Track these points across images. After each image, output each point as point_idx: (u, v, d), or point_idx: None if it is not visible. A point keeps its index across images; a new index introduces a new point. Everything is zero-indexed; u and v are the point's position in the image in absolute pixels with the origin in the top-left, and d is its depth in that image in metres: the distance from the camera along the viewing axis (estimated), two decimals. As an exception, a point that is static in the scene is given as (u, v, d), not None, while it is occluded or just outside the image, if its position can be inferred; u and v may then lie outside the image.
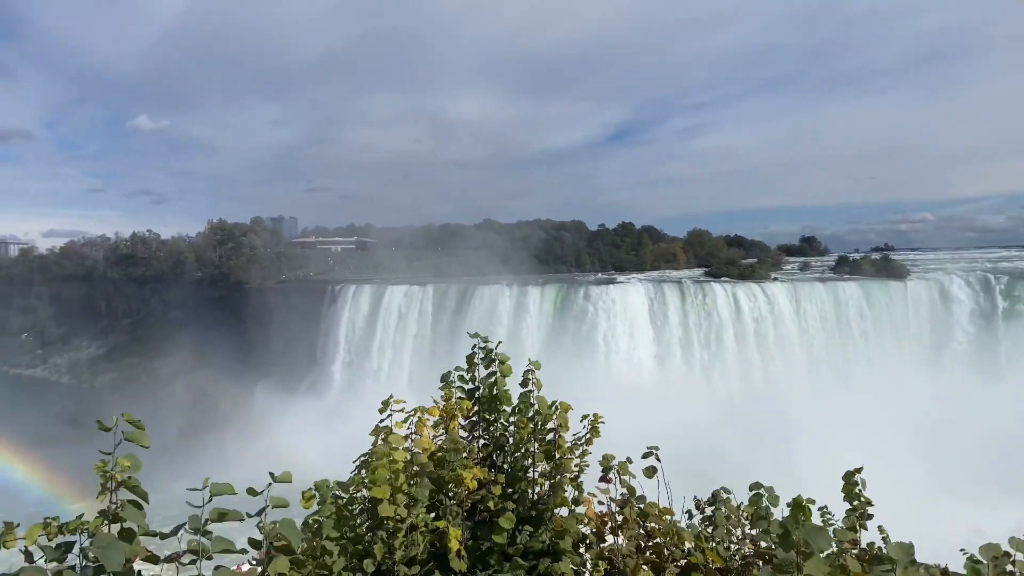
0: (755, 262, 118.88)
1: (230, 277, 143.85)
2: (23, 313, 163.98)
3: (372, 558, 4.46)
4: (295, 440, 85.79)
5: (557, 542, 4.95)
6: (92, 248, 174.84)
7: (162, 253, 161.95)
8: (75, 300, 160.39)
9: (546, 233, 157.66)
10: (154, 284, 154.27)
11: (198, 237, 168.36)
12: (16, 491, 72.71)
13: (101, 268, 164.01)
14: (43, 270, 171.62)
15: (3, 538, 3.36)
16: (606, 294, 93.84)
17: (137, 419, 3.35)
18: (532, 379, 5.50)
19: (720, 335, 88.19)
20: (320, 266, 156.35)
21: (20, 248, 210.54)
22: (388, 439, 4.92)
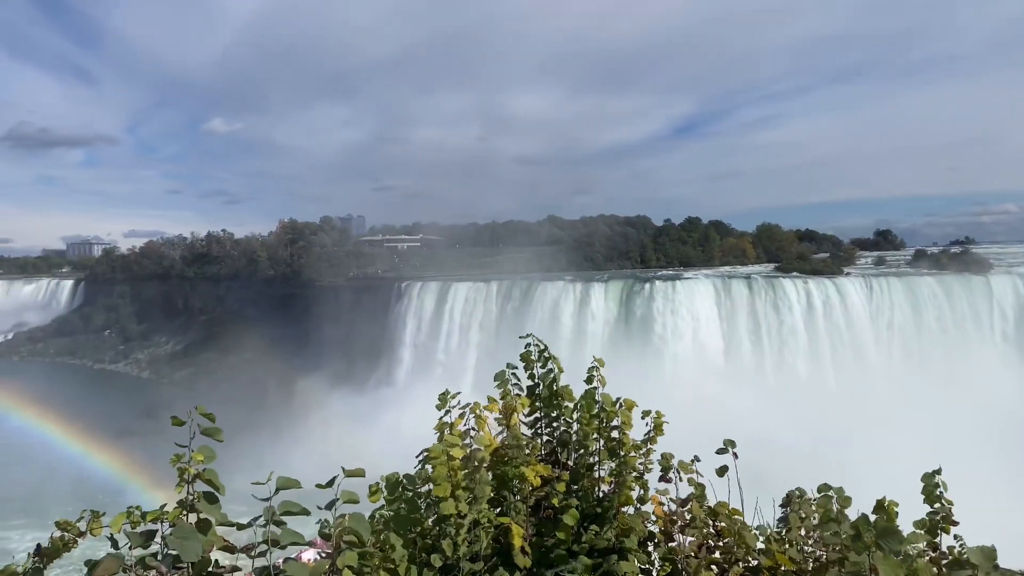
0: (827, 257, 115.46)
1: (301, 275, 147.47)
2: (106, 311, 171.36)
3: (440, 553, 4.51)
4: (364, 434, 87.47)
5: (623, 540, 4.92)
6: (170, 247, 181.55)
7: (236, 252, 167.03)
8: (154, 298, 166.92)
9: (610, 229, 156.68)
10: (228, 282, 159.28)
11: (270, 236, 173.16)
12: (101, 482, 76.00)
13: (178, 267, 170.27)
14: (124, 269, 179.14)
15: (90, 526, 3.53)
16: (672, 290, 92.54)
17: (210, 413, 3.47)
18: (596, 376, 5.48)
19: (791, 332, 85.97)
20: (387, 264, 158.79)
21: (103, 248, 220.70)
22: (445, 436, 4.96)
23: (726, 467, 5.15)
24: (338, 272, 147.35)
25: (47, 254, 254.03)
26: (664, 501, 5.08)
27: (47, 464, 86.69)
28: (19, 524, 70.14)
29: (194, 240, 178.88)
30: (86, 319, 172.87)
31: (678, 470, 5.10)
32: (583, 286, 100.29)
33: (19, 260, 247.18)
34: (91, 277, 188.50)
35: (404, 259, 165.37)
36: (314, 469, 3.71)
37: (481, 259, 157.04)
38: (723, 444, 5.25)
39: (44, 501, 73.39)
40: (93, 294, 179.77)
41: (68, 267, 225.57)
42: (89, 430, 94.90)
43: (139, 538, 3.40)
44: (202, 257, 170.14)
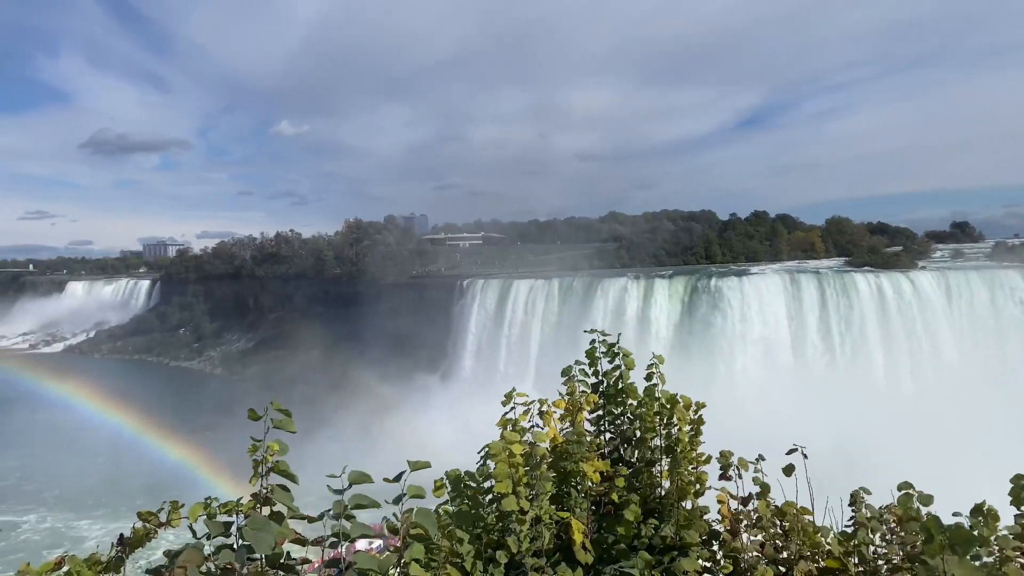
0: (900, 250, 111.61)
1: (365, 273, 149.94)
2: (181, 310, 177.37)
3: (505, 549, 4.55)
4: (427, 429, 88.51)
5: (683, 536, 4.89)
6: (241, 248, 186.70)
7: (303, 251, 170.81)
8: (226, 297, 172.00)
9: (674, 224, 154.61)
10: (296, 281, 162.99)
11: (336, 236, 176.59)
12: (176, 474, 78.70)
13: (249, 266, 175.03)
14: (197, 269, 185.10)
15: (170, 517, 3.70)
16: (739, 286, 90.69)
17: (285, 408, 3.59)
18: (656, 373, 5.45)
19: (862, 328, 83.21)
20: (449, 261, 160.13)
21: (177, 249, 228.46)
22: (507, 433, 5.00)
23: (792, 467, 5.08)
24: (402, 270, 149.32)
25: (125, 255, 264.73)
26: (735, 497, 5.03)
27: (126, 457, 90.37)
28: (99, 514, 73.45)
29: (263, 240, 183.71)
30: (162, 318, 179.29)
31: (738, 467, 5.04)
32: (646, 282, 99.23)
33: (99, 261, 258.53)
34: (166, 277, 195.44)
35: (466, 257, 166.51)
36: (380, 464, 3.80)
37: (542, 256, 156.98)
38: (793, 445, 5.17)
39: (123, 492, 76.61)
40: (168, 294, 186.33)
41: (145, 268, 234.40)
42: (166, 425, 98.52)
43: (217, 528, 3.54)
44: (271, 257, 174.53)
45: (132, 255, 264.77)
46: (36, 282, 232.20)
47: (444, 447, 70.60)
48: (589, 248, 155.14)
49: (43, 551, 58.32)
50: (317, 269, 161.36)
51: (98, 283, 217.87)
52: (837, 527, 5.12)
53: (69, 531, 68.93)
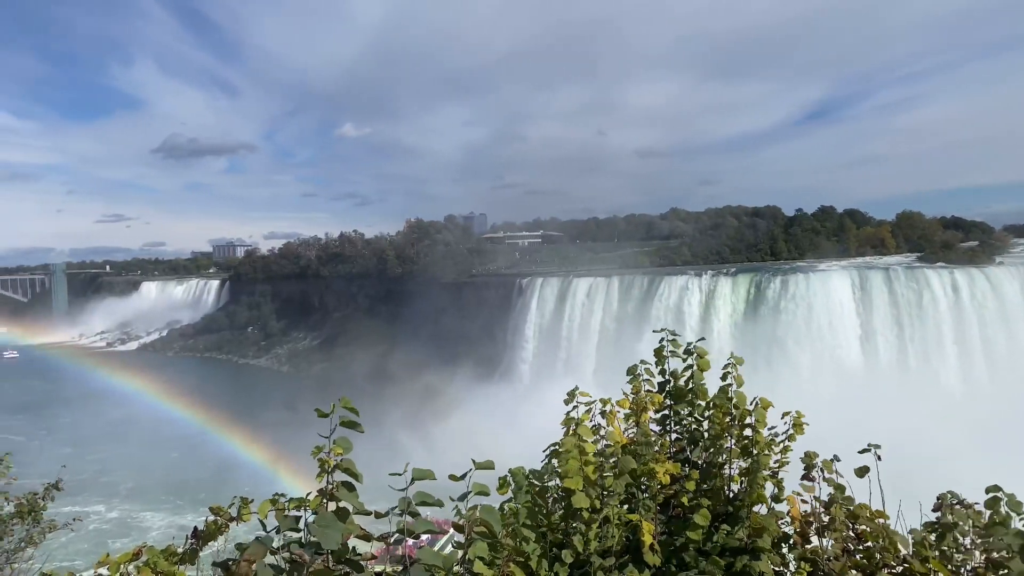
0: (976, 245, 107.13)
1: (426, 272, 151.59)
2: (249, 309, 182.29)
3: (571, 549, 4.50)
4: (487, 426, 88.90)
5: (755, 540, 4.76)
6: (306, 248, 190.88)
7: (366, 251, 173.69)
8: (292, 296, 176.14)
9: (737, 220, 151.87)
10: (359, 280, 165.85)
11: (397, 235, 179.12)
12: (245, 469, 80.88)
13: (314, 266, 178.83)
14: (265, 269, 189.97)
15: (240, 511, 3.76)
16: (805, 283, 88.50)
17: (354, 406, 3.62)
18: (732, 374, 5.31)
19: (936, 326, 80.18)
20: (508, 260, 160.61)
21: (245, 250, 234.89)
22: (577, 430, 4.94)
23: (866, 468, 4.88)
24: (461, 269, 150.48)
25: (196, 256, 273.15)
26: (808, 500, 4.86)
27: (196, 452, 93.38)
28: (167, 507, 76.20)
29: (328, 241, 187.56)
30: (231, 317, 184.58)
31: (821, 469, 4.87)
32: (709, 279, 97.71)
33: (171, 262, 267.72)
34: (235, 277, 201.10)
35: (525, 255, 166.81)
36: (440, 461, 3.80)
37: (601, 254, 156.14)
38: (866, 445, 4.97)
39: (190, 486, 79.33)
40: (237, 293, 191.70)
41: (214, 268, 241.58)
42: (235, 421, 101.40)
43: (286, 523, 3.58)
44: (335, 257, 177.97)
45: (202, 256, 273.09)
46: (112, 283, 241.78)
47: (502, 445, 70.86)
48: (650, 246, 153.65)
49: (107, 540, 60.70)
50: (379, 268, 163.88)
51: (170, 283, 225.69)
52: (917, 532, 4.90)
53: (134, 522, 71.71)
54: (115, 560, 3.61)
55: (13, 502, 9.75)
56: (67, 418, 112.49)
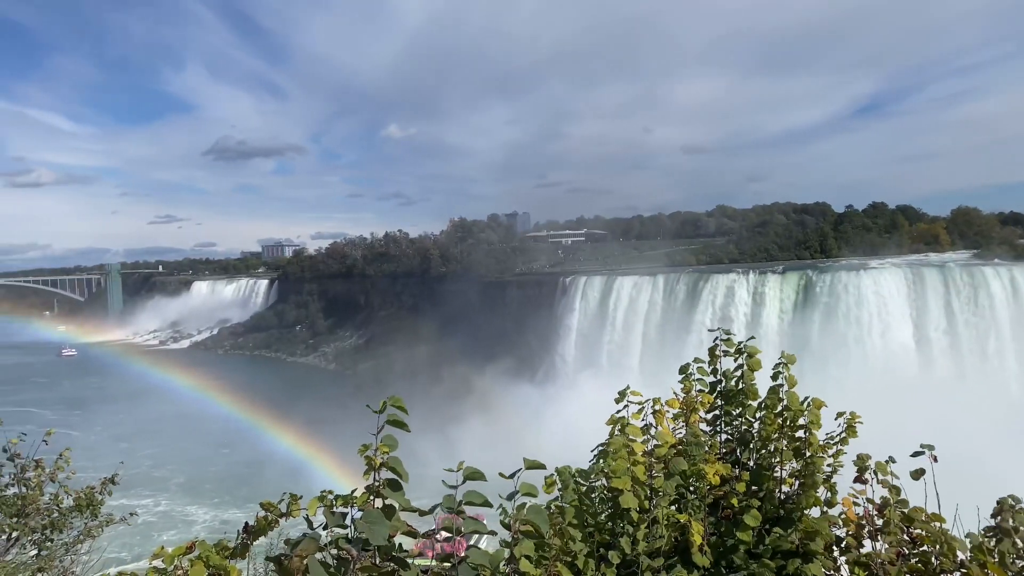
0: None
1: (470, 271, 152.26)
2: (297, 307, 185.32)
3: (618, 549, 4.47)
4: (529, 424, 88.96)
5: (807, 543, 4.66)
6: (352, 247, 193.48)
7: (411, 250, 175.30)
8: (339, 295, 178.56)
9: (786, 217, 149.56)
10: (404, 279, 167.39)
11: (441, 235, 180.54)
12: (293, 465, 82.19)
13: (360, 265, 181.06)
14: (312, 268, 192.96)
15: (290, 507, 3.82)
16: (856, 281, 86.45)
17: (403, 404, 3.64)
18: (784, 374, 5.20)
19: (994, 326, 77.60)
20: (551, 259, 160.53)
21: (294, 249, 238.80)
22: (625, 430, 4.90)
23: (922, 470, 4.74)
24: (504, 268, 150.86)
25: (245, 256, 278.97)
26: (861, 502, 4.74)
27: (245, 448, 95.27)
28: (214, 501, 77.97)
29: (373, 240, 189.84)
30: (279, 315, 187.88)
31: (875, 471, 4.75)
32: (756, 277, 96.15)
33: (222, 262, 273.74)
34: (283, 276, 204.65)
35: (568, 254, 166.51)
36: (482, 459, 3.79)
37: (646, 252, 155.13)
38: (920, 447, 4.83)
39: (238, 481, 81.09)
40: (285, 292, 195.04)
41: (263, 268, 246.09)
42: (284, 418, 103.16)
43: (334, 520, 3.62)
44: (381, 256, 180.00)
45: (251, 256, 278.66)
46: (165, 282, 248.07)
47: (546, 442, 70.85)
48: (695, 243, 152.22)
49: (153, 533, 62.19)
50: (423, 267, 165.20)
51: (220, 283, 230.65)
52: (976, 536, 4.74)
53: (180, 515, 73.49)
54: (169, 554, 3.69)
55: (72, 496, 10.03)
56: (123, 414, 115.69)
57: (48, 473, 9.99)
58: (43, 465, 10.02)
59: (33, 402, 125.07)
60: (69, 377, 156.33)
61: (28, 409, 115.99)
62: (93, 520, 10.14)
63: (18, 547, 9.46)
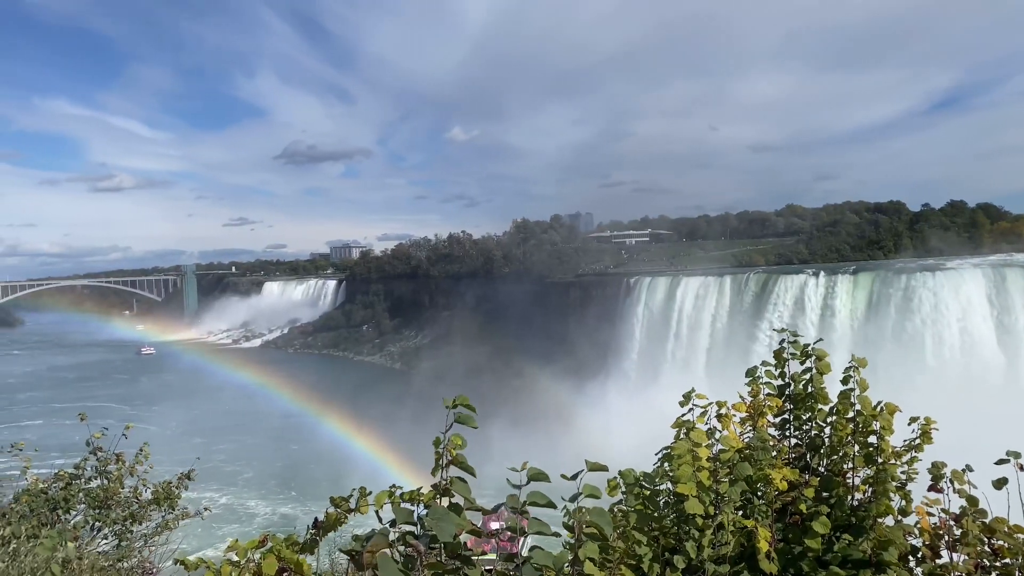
0: None
1: (533, 272, 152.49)
2: (363, 307, 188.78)
3: (683, 555, 4.43)
4: (593, 426, 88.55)
5: (880, 553, 4.53)
6: (417, 249, 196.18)
7: (474, 251, 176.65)
8: (404, 295, 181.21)
9: (858, 216, 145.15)
10: (468, 279, 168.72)
11: (504, 236, 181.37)
12: (361, 462, 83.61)
13: (424, 266, 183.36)
14: (378, 269, 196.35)
15: (359, 503, 3.90)
16: (933, 282, 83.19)
17: (470, 404, 3.69)
18: (855, 377, 5.06)
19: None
20: (615, 259, 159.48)
21: (360, 251, 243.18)
22: (690, 434, 4.85)
23: (1005, 479, 4.56)
24: (567, 268, 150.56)
25: (314, 257, 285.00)
26: (935, 512, 4.59)
27: (313, 444, 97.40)
28: (280, 497, 79.96)
29: (437, 241, 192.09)
30: (347, 315, 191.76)
31: (951, 480, 4.59)
32: (827, 278, 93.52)
33: (291, 263, 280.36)
34: (350, 277, 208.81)
35: (632, 254, 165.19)
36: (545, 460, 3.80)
37: (712, 252, 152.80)
38: (1007, 454, 4.64)
39: (303, 477, 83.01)
40: (352, 292, 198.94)
41: (331, 269, 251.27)
42: (350, 416, 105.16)
43: (403, 515, 3.69)
44: (445, 257, 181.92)
45: (320, 257, 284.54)
46: (237, 283, 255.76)
47: (607, 444, 70.38)
48: (764, 243, 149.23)
49: (213, 525, 63.78)
50: (486, 268, 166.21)
51: (291, 283, 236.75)
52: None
53: (242, 508, 75.72)
54: (243, 547, 3.80)
55: (150, 489, 10.43)
56: (198, 410, 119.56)
57: (128, 467, 10.40)
58: (123, 459, 10.43)
59: (114, 398, 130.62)
60: (147, 374, 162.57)
61: (109, 404, 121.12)
62: (170, 513, 10.51)
63: (101, 537, 9.86)
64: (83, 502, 9.87)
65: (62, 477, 9.96)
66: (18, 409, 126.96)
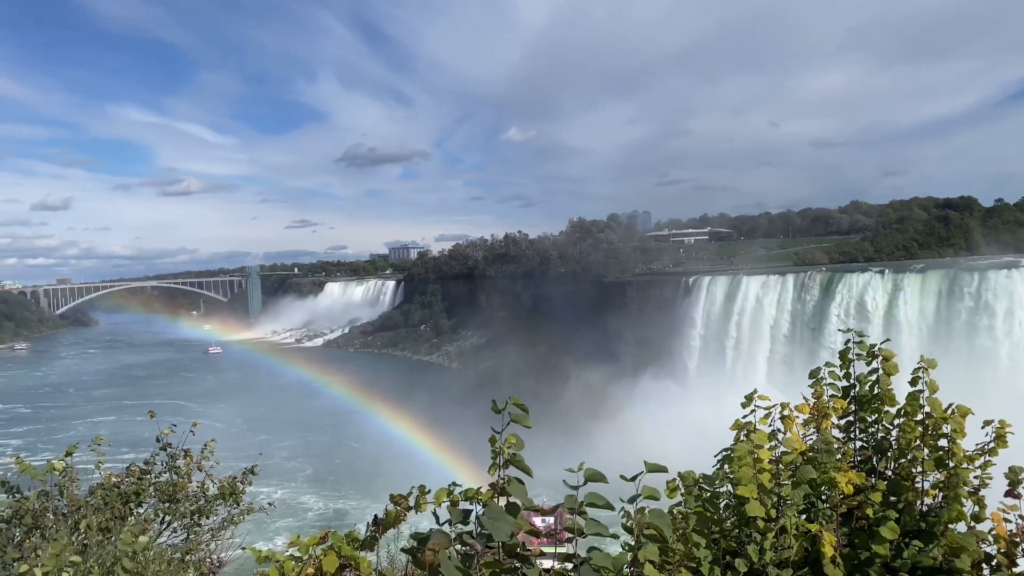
0: None
1: (590, 271, 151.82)
2: (421, 307, 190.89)
3: (745, 558, 4.35)
4: (650, 425, 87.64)
5: (952, 560, 4.38)
6: (473, 249, 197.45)
7: (530, 251, 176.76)
8: (461, 295, 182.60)
9: (927, 212, 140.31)
10: (524, 279, 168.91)
11: (561, 235, 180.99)
12: (419, 460, 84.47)
13: (481, 266, 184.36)
14: (436, 270, 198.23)
15: (418, 500, 3.94)
16: (1007, 280, 79.92)
17: (524, 403, 3.69)
18: (924, 379, 4.89)
19: None
20: (673, 258, 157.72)
21: (418, 251, 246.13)
22: (751, 436, 4.75)
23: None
24: (625, 268, 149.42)
25: (374, 258, 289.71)
26: (1013, 519, 4.40)
27: (372, 442, 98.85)
28: (337, 494, 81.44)
29: (494, 242, 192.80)
30: (405, 315, 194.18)
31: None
32: (894, 277, 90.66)
33: (352, 264, 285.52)
34: (409, 278, 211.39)
35: (691, 253, 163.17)
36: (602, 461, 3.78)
37: (774, 250, 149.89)
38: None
39: (360, 474, 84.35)
40: (411, 292, 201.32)
41: (390, 269, 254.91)
42: (409, 414, 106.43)
43: (459, 515, 3.71)
44: (501, 257, 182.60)
45: (379, 258, 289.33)
46: (299, 283, 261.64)
47: (666, 446, 69.49)
48: (827, 241, 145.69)
49: (267, 520, 65.25)
50: (543, 268, 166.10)
51: (351, 284, 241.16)
52: None
53: (296, 504, 77.15)
54: (304, 543, 3.87)
55: (216, 484, 10.72)
56: (262, 407, 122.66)
57: (195, 462, 10.71)
58: (191, 454, 10.74)
59: (182, 395, 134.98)
60: (214, 372, 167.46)
61: (177, 402, 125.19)
62: (235, 508, 10.78)
63: (169, 530, 10.19)
64: (153, 496, 10.19)
65: (133, 472, 10.30)
66: (92, 405, 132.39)
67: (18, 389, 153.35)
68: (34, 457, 10.41)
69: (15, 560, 8.36)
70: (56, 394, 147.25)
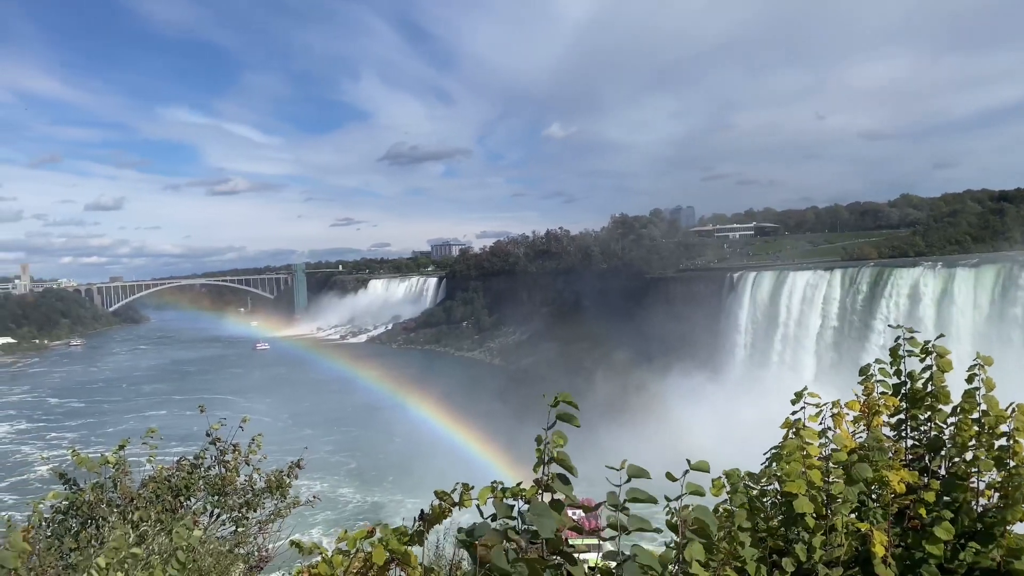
0: None
1: (632, 267, 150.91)
2: (463, 304, 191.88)
3: (792, 557, 4.28)
4: (694, 423, 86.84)
5: (1011, 562, 4.25)
6: (515, 245, 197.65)
7: (572, 247, 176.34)
8: (503, 292, 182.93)
9: (981, 205, 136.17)
10: (565, 276, 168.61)
11: (603, 231, 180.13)
12: (462, 456, 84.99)
13: (522, 263, 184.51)
14: (477, 266, 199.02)
15: (462, 497, 3.97)
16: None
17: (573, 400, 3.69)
18: (980, 376, 4.75)
19: None
20: (717, 254, 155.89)
21: (460, 248, 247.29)
22: (800, 433, 4.68)
23: None
24: (668, 264, 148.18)
25: (416, 256, 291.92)
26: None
27: (414, 438, 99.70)
28: (377, 487, 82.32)
29: (535, 238, 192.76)
30: (447, 312, 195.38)
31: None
32: (946, 271, 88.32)
33: (395, 261, 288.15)
34: (451, 274, 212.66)
35: (735, 248, 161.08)
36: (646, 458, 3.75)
37: (821, 245, 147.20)
38: None
39: (400, 469, 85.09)
40: (453, 290, 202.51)
41: (432, 266, 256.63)
42: (453, 410, 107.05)
43: (503, 511, 3.72)
44: (543, 254, 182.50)
45: (422, 255, 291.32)
46: (344, 281, 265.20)
47: (710, 442, 68.93)
48: (877, 235, 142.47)
49: (306, 513, 66.04)
50: (585, 264, 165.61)
51: (394, 281, 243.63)
52: None
53: (335, 496, 77.86)
54: (352, 536, 3.92)
55: (264, 478, 10.94)
56: (308, 402, 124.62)
57: (243, 456, 10.93)
58: (239, 449, 10.96)
59: (230, 390, 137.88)
60: (262, 368, 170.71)
61: (226, 396, 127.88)
62: (282, 501, 10.98)
63: (219, 523, 10.42)
64: (203, 489, 10.43)
65: (183, 466, 10.56)
66: (144, 400, 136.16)
67: (74, 384, 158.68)
68: (88, 449, 10.70)
69: (72, 550, 8.65)
70: (109, 388, 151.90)
